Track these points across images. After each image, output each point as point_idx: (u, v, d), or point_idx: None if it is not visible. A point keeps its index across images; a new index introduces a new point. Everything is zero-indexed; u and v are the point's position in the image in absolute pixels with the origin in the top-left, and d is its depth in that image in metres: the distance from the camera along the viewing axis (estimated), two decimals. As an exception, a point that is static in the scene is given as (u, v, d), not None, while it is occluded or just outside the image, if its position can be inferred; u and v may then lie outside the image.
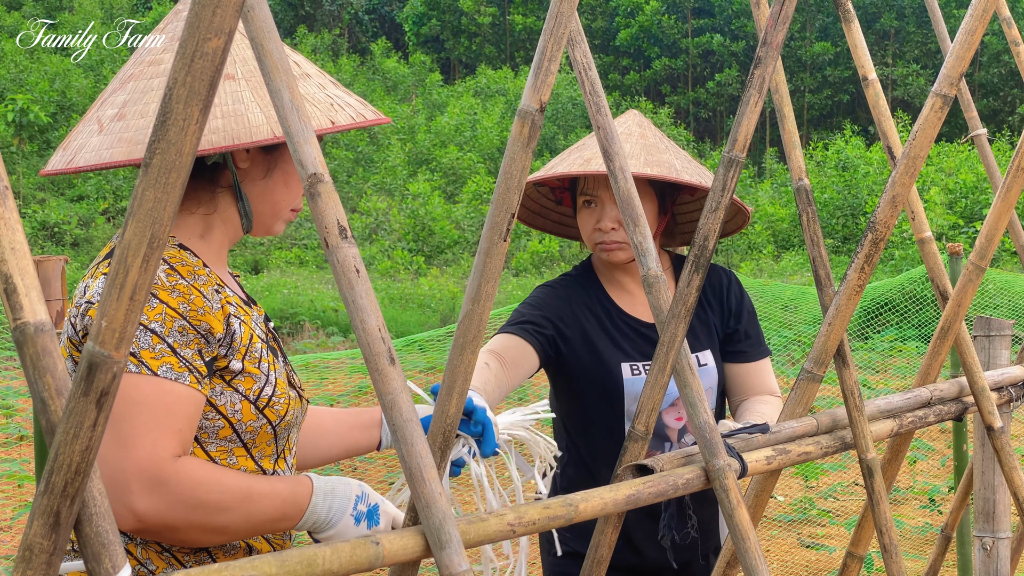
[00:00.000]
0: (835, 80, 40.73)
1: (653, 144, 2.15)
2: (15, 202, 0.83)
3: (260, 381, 1.44)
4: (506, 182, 1.04)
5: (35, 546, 0.80)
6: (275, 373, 1.48)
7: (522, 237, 23.14)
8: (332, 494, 1.41)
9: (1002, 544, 1.96)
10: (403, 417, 0.96)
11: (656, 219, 2.15)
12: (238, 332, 1.42)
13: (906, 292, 10.65)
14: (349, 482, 1.43)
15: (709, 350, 2.19)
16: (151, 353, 1.32)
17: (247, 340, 1.43)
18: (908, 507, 6.28)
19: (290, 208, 1.53)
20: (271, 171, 1.48)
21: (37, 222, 21.53)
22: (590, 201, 2.10)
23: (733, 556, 1.55)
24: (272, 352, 1.51)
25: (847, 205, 23.09)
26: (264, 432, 1.46)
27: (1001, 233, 1.71)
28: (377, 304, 0.96)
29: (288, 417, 1.49)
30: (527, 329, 2.07)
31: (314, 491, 1.40)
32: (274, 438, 1.48)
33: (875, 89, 1.80)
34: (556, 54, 1.07)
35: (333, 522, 1.40)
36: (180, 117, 0.79)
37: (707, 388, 2.17)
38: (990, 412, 1.74)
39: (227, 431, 1.42)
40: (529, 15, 44.01)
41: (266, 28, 0.96)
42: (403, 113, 32.33)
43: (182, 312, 1.34)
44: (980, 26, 1.41)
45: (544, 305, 2.13)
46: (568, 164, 2.12)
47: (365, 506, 1.43)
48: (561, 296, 2.17)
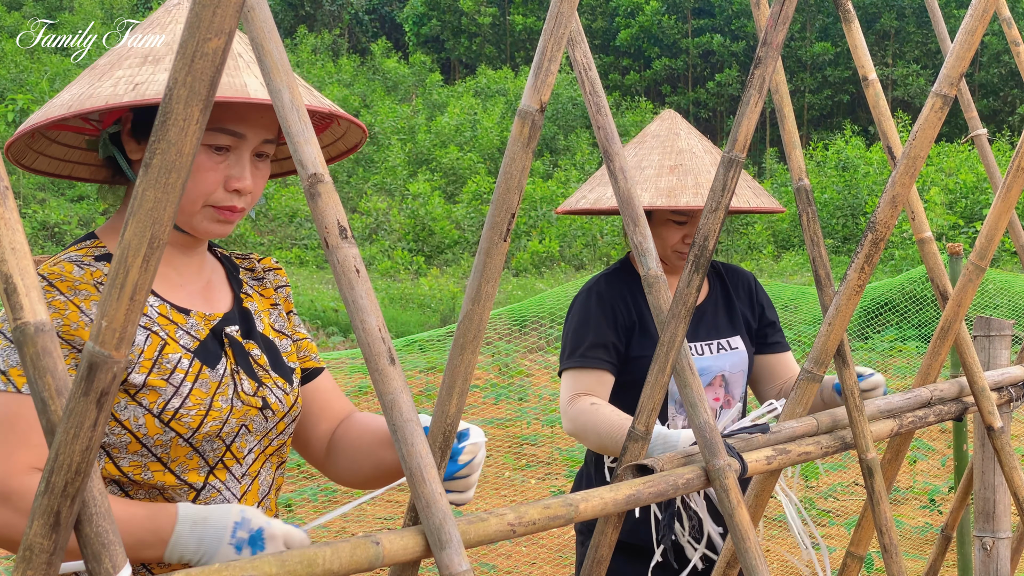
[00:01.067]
0: (835, 80, 40.73)
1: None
2: (15, 202, 0.83)
3: (166, 394, 1.40)
4: (506, 182, 1.04)
5: (35, 546, 0.80)
6: (193, 384, 1.42)
7: (522, 237, 23.15)
8: (204, 523, 1.29)
9: (1002, 544, 1.96)
10: (403, 417, 0.96)
11: None
12: (140, 345, 1.39)
13: (906, 292, 10.65)
14: (228, 509, 1.30)
15: (739, 335, 2.40)
16: (18, 371, 1.31)
17: (153, 352, 1.40)
18: (908, 507, 6.28)
19: (204, 203, 1.44)
20: None
21: (37, 222, 21.53)
22: (684, 221, 2.30)
23: (733, 556, 1.55)
24: (206, 362, 1.45)
25: (847, 205, 23.10)
26: (177, 445, 1.40)
27: (1001, 233, 1.71)
28: (377, 304, 0.97)
29: (207, 428, 1.43)
30: (598, 357, 2.27)
31: (178, 520, 1.29)
32: (194, 451, 1.42)
33: (875, 89, 1.80)
34: (556, 54, 1.07)
35: (207, 553, 1.29)
36: (180, 117, 0.79)
37: (738, 371, 2.38)
38: (990, 412, 1.74)
39: (135, 445, 1.39)
40: (529, 15, 44.01)
41: (266, 28, 0.96)
42: (403, 113, 32.34)
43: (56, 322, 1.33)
44: (980, 26, 1.41)
45: (598, 320, 2.30)
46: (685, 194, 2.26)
47: (247, 532, 1.29)
48: (607, 299, 2.33)
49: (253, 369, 1.52)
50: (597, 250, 22.33)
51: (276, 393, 1.53)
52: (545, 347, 10.24)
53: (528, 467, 7.20)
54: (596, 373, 2.26)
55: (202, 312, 1.50)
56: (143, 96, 1.32)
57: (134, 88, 1.33)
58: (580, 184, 28.92)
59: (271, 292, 1.66)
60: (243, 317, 1.57)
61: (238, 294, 1.60)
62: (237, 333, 1.53)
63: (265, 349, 1.57)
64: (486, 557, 5.34)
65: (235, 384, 1.48)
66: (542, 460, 7.28)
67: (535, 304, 9.80)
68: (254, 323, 1.58)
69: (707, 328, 2.37)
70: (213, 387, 1.45)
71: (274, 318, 1.63)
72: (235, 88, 1.33)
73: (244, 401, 1.47)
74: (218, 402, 1.44)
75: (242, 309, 1.58)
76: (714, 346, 2.36)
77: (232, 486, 1.50)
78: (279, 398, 1.53)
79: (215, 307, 1.54)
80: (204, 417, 1.42)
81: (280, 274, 1.69)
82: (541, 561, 5.45)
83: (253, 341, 1.55)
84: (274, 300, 1.65)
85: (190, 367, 1.43)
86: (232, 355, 1.50)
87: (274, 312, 1.64)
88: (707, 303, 2.41)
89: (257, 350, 1.55)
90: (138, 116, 1.44)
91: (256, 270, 1.67)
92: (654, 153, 2.35)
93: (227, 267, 1.63)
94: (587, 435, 2.19)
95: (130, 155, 1.46)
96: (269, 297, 1.65)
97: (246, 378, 1.50)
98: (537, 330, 10.25)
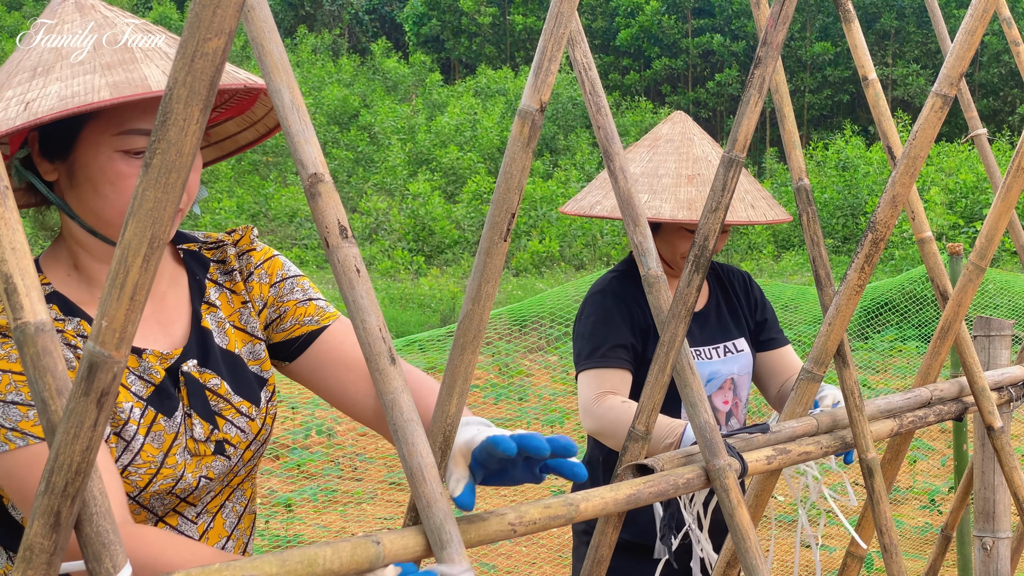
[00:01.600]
0: (835, 80, 40.71)
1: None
2: (15, 202, 0.83)
3: (118, 449, 1.30)
4: (506, 182, 1.04)
5: (35, 546, 0.80)
6: (145, 437, 1.32)
7: (522, 237, 23.14)
8: None
9: (1002, 544, 1.96)
10: (403, 417, 0.96)
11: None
12: None
13: (906, 292, 10.65)
14: None
15: (743, 337, 2.41)
16: (29, 422, 1.23)
17: None
18: (908, 507, 6.28)
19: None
20: (73, 177, 1.31)
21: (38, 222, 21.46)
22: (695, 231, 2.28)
23: (733, 556, 1.55)
24: (161, 410, 1.34)
25: (847, 205, 23.09)
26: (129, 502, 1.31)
27: (1001, 233, 1.71)
28: (377, 304, 0.96)
29: (156, 487, 1.33)
30: (619, 356, 2.25)
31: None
32: (141, 507, 1.34)
33: (875, 89, 1.80)
34: (556, 54, 1.07)
35: None
36: (180, 117, 0.79)
37: (745, 372, 2.39)
38: (990, 412, 1.74)
39: None
40: (529, 15, 43.99)
41: (266, 28, 0.96)
42: (403, 113, 32.33)
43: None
44: (980, 26, 1.41)
45: (616, 320, 2.29)
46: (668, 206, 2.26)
47: None
48: (622, 299, 2.32)
49: (209, 405, 1.40)
50: (597, 250, 22.32)
51: (238, 423, 1.42)
52: (545, 347, 10.24)
53: (528, 467, 7.18)
54: (619, 372, 2.23)
55: (157, 351, 1.38)
56: (36, 115, 1.17)
57: (26, 108, 1.19)
58: (580, 184, 28.70)
59: (241, 287, 1.50)
60: (200, 342, 1.43)
61: (197, 309, 1.45)
62: (194, 368, 1.40)
63: (227, 371, 1.43)
64: (486, 557, 5.34)
65: (187, 431, 1.37)
66: (542, 460, 7.25)
67: (535, 304, 9.80)
68: (212, 344, 1.43)
69: (712, 332, 2.37)
70: (168, 440, 1.34)
71: (245, 319, 1.49)
72: (134, 84, 1.19)
73: (193, 452, 1.37)
74: (173, 457, 1.34)
75: (200, 331, 1.43)
76: (721, 350, 2.36)
77: (186, 528, 1.40)
78: (241, 427, 1.42)
79: (172, 338, 1.41)
80: (154, 476, 1.32)
81: (254, 256, 1.51)
82: (541, 561, 5.44)
83: (210, 370, 1.42)
84: (244, 297, 1.49)
85: (142, 417, 1.33)
86: (186, 395, 1.38)
87: (245, 312, 1.49)
88: (709, 306, 2.41)
89: (216, 379, 1.41)
90: (44, 134, 1.30)
91: (227, 260, 1.50)
92: (670, 160, 2.34)
93: (191, 269, 1.48)
94: (616, 432, 2.13)
95: (45, 176, 1.32)
96: (240, 294, 1.49)
97: (199, 421, 1.38)
98: (537, 330, 10.25)
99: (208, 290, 1.47)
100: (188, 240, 1.51)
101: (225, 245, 1.51)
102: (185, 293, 1.45)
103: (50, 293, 1.34)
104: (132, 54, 1.23)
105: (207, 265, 1.49)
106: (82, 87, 1.19)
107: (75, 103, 1.17)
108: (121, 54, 1.24)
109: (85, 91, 1.19)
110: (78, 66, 1.23)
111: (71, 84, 1.21)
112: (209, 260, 1.50)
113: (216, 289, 1.48)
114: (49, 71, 1.23)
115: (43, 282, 1.35)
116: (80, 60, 1.23)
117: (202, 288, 1.47)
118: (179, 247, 1.49)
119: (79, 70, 1.23)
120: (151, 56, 1.24)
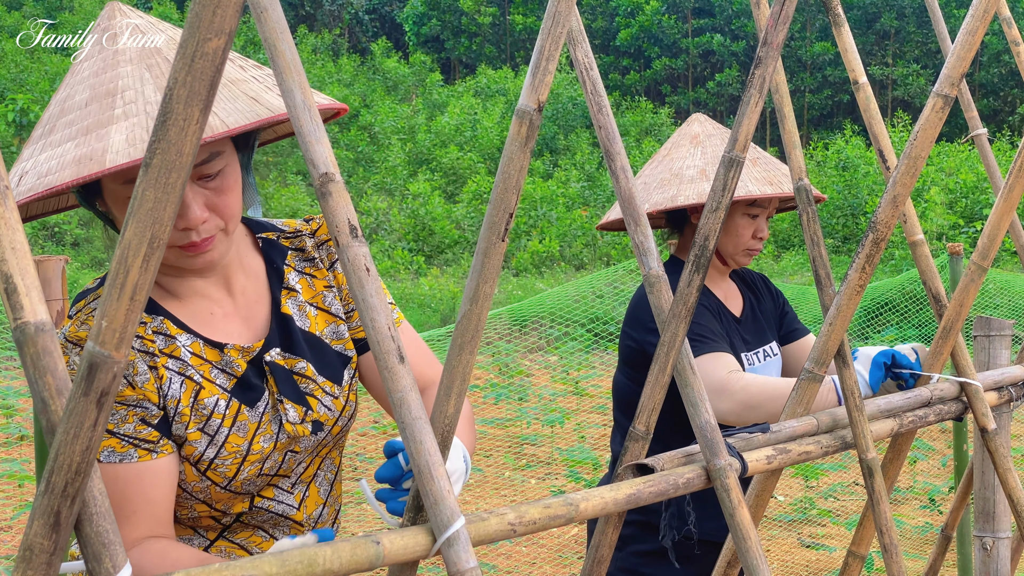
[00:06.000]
0: (835, 80, 40.71)
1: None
2: (15, 202, 0.83)
3: (201, 445, 1.35)
4: (504, 182, 1.04)
5: (35, 546, 0.80)
6: (230, 429, 1.37)
7: (522, 237, 23.14)
8: None
9: (1002, 544, 1.96)
10: (412, 415, 0.96)
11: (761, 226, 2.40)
12: (175, 394, 1.34)
13: (906, 292, 10.65)
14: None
15: (775, 340, 2.46)
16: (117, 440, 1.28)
17: (189, 399, 1.35)
18: (908, 507, 6.28)
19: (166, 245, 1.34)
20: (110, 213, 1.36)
21: (37, 222, 21.52)
22: (757, 215, 2.34)
23: (733, 555, 1.55)
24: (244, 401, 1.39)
25: (847, 205, 23.09)
26: (215, 492, 1.37)
27: (1003, 233, 1.71)
28: (387, 302, 0.96)
29: (244, 475, 1.38)
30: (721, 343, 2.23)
31: None
32: (234, 494, 1.39)
33: (866, 92, 1.79)
34: (554, 53, 1.07)
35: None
36: (180, 117, 0.79)
37: (777, 374, 2.41)
38: (983, 414, 1.74)
39: (178, 490, 1.36)
40: (529, 15, 43.98)
41: (279, 29, 0.96)
42: (403, 113, 32.33)
43: None
44: (981, 26, 1.41)
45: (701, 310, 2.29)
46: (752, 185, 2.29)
47: None
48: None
49: (299, 388, 1.44)
50: (597, 250, 22.31)
51: (325, 403, 1.46)
52: (545, 347, 10.24)
53: (528, 467, 7.20)
54: (730, 356, 2.18)
55: (239, 345, 1.42)
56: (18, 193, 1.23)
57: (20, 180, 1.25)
58: (580, 184, 28.54)
59: (324, 273, 1.53)
60: (282, 329, 1.46)
61: (277, 296, 1.48)
62: (279, 356, 1.44)
63: (311, 353, 1.47)
64: (486, 557, 5.34)
65: (280, 416, 1.41)
66: (542, 460, 7.28)
67: (535, 304, 9.80)
68: (294, 328, 1.47)
69: (753, 336, 2.41)
70: (252, 429, 1.39)
71: (329, 301, 1.52)
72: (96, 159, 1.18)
73: (290, 434, 1.42)
74: (257, 443, 1.39)
75: (281, 318, 1.47)
76: (761, 354, 2.40)
77: (285, 498, 1.46)
78: (328, 406, 1.47)
79: (253, 330, 1.45)
80: (241, 464, 1.37)
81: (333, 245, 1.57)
82: (541, 561, 5.44)
83: (295, 355, 1.46)
84: (328, 281, 1.53)
85: (227, 409, 1.38)
86: (274, 383, 1.43)
87: (329, 294, 1.52)
88: (745, 312, 2.45)
89: (302, 362, 1.46)
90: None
91: (307, 249, 1.54)
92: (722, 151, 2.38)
93: (269, 257, 1.51)
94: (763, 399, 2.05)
95: (99, 207, 1.38)
96: (323, 279, 1.53)
97: (291, 406, 1.43)
98: (537, 330, 10.25)
99: (287, 275, 1.50)
100: (267, 229, 1.53)
101: (303, 235, 1.55)
102: (264, 282, 1.49)
103: None
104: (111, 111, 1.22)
105: (285, 253, 1.52)
106: (57, 162, 1.22)
107: (43, 185, 1.21)
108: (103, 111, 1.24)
109: (57, 168, 1.21)
110: (66, 128, 1.25)
111: (52, 156, 1.23)
112: (287, 248, 1.53)
113: (295, 274, 1.51)
114: (52, 130, 1.27)
115: None
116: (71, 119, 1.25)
117: (281, 275, 1.50)
118: (258, 235, 1.52)
119: (66, 134, 1.25)
120: (129, 111, 1.22)
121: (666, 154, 2.45)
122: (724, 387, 2.09)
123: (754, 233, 2.35)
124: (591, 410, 8.74)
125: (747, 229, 2.35)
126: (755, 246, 2.37)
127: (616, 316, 9.93)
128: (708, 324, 2.25)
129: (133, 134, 1.20)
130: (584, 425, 8.13)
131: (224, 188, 1.34)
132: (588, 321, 9.97)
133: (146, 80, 1.26)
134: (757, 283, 2.55)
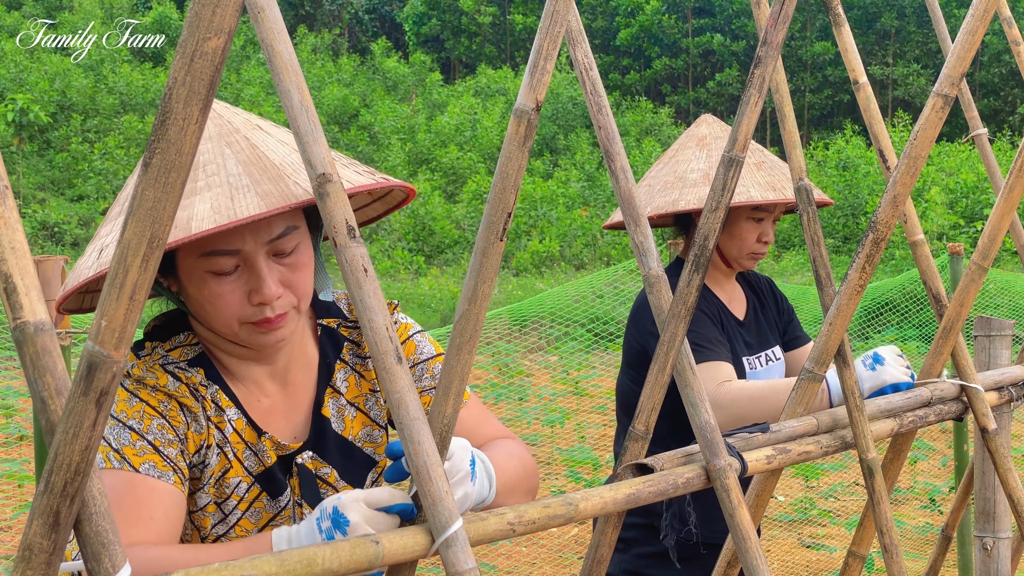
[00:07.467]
0: (835, 80, 40.71)
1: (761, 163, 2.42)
2: (15, 202, 0.83)
3: (213, 519, 1.38)
4: (502, 182, 1.04)
5: (35, 546, 0.80)
6: (245, 512, 1.39)
7: (522, 237, 23.14)
8: (296, 533, 1.20)
9: (1002, 544, 1.96)
10: (410, 416, 0.95)
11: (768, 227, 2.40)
12: (209, 462, 1.36)
13: (906, 292, 10.65)
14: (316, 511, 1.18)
15: (778, 344, 2.47)
16: (133, 450, 1.29)
17: (217, 474, 1.37)
18: (909, 507, 6.28)
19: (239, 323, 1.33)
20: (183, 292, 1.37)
21: (37, 222, 21.52)
22: (762, 218, 2.34)
23: (733, 555, 1.55)
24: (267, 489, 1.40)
25: (847, 205, 23.10)
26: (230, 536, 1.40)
27: (1004, 233, 1.71)
28: (385, 303, 0.96)
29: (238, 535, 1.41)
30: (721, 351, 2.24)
31: (273, 542, 1.22)
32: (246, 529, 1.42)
33: (866, 92, 1.79)
34: (552, 53, 1.07)
35: None
36: (180, 117, 0.79)
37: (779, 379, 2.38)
38: (983, 415, 1.74)
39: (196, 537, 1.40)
40: (529, 15, 43.99)
41: (276, 29, 0.96)
42: (403, 113, 32.33)
43: (161, 411, 1.32)
44: (981, 26, 1.41)
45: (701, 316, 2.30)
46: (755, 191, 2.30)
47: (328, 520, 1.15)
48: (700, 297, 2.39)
49: (319, 493, 1.45)
50: (597, 250, 22.32)
51: None
52: (545, 347, 10.24)
53: (528, 467, 7.18)
54: (725, 366, 2.20)
55: (276, 439, 1.42)
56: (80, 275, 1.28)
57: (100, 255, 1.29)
58: (580, 184, 28.52)
59: (372, 375, 1.52)
60: (318, 431, 1.46)
61: (321, 395, 1.48)
62: (309, 459, 1.45)
63: (339, 458, 1.47)
64: (486, 557, 5.34)
65: (294, 519, 1.43)
66: (542, 460, 7.27)
67: (535, 304, 9.80)
68: (329, 432, 1.47)
69: (755, 340, 2.41)
70: (265, 519, 1.40)
71: (370, 405, 1.52)
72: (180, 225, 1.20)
73: None
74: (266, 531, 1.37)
75: (319, 419, 1.46)
76: (763, 359, 2.40)
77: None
78: None
79: (292, 428, 1.45)
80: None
81: None
82: (541, 561, 5.44)
83: (323, 459, 1.46)
84: (374, 386, 1.52)
85: (247, 493, 1.39)
86: (298, 485, 1.43)
87: (372, 399, 1.52)
88: (749, 316, 2.45)
89: (327, 468, 1.46)
90: None
91: (362, 344, 1.52)
92: None
93: (324, 350, 1.50)
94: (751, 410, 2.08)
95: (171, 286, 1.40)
96: (371, 380, 1.52)
97: (309, 511, 1.43)
98: (537, 330, 10.25)
99: (336, 373, 1.50)
100: (331, 314, 1.53)
101: None
102: (313, 376, 1.49)
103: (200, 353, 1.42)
104: (193, 183, 1.24)
105: (341, 345, 1.52)
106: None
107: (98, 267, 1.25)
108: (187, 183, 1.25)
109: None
110: None
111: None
112: (344, 339, 1.53)
113: (345, 371, 1.51)
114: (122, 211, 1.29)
115: (193, 342, 1.43)
116: None
117: (330, 371, 1.50)
118: (319, 321, 1.52)
119: None
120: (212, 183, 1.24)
121: (672, 156, 2.45)
122: (712, 402, 2.13)
123: (759, 237, 2.36)
124: (591, 410, 8.74)
125: (751, 233, 2.35)
126: (760, 250, 2.37)
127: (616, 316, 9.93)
128: (706, 332, 2.25)
129: (218, 203, 1.21)
130: (584, 425, 8.13)
131: (298, 265, 1.35)
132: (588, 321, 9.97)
133: (227, 156, 1.27)
134: (763, 287, 2.55)
